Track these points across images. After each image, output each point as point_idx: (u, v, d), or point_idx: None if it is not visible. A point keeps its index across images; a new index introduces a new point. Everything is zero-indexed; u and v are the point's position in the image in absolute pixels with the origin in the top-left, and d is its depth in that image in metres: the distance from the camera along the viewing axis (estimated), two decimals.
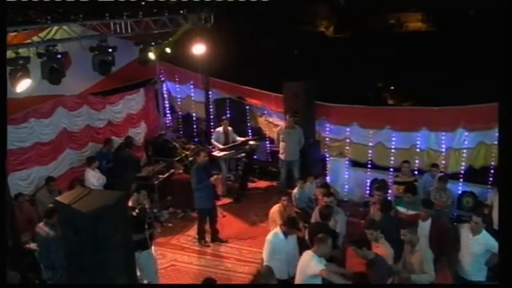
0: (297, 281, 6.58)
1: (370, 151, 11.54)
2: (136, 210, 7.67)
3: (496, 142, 10.32)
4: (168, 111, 14.54)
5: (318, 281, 6.40)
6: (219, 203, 11.51)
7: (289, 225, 7.36)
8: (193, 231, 10.32)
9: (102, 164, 10.77)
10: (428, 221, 7.56)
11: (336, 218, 8.03)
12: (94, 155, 11.03)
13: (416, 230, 7.06)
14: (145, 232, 7.60)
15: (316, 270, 6.26)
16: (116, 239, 5.74)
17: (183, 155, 12.34)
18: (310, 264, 6.35)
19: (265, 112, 13.02)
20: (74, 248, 5.70)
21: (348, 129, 11.71)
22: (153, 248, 7.99)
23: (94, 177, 10.30)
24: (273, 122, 12.81)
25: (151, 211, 8.27)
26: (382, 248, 6.77)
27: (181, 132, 14.26)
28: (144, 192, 8.03)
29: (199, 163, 9.88)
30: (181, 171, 11.36)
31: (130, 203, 7.56)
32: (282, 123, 11.93)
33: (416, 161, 11.03)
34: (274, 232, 7.41)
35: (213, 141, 12.21)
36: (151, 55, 10.82)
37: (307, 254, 6.50)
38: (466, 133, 10.52)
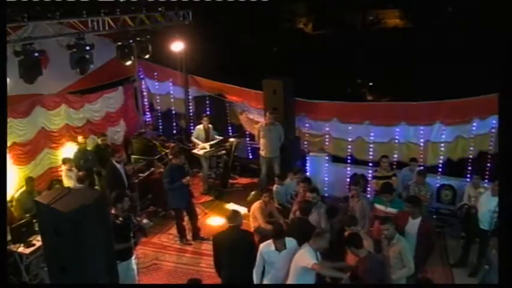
0: (290, 272, 6.50)
1: (349, 146, 11.66)
2: (120, 219, 7.25)
3: (472, 136, 10.58)
4: (147, 109, 14.47)
5: (310, 275, 6.39)
6: (200, 200, 11.52)
7: (276, 236, 6.81)
8: (174, 230, 10.29)
9: (79, 163, 10.66)
10: (418, 220, 7.30)
11: (320, 213, 8.03)
12: (70, 155, 10.91)
13: (393, 225, 6.93)
14: (130, 241, 7.24)
15: (308, 264, 6.24)
16: (96, 238, 5.71)
17: (163, 153, 12.30)
18: (303, 256, 6.35)
19: (246, 109, 13.04)
20: (54, 248, 5.66)
21: (327, 124, 11.81)
22: (133, 257, 7.55)
23: (70, 178, 10.18)
24: (254, 118, 12.83)
25: (135, 219, 7.84)
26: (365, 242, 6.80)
27: (161, 130, 14.19)
28: (127, 200, 7.50)
29: (173, 163, 9.85)
30: (161, 169, 11.30)
31: (113, 211, 7.22)
32: (262, 120, 11.94)
33: (395, 155, 11.17)
34: (267, 243, 6.93)
35: (193, 138, 12.16)
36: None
37: (304, 247, 6.46)
38: (444, 127, 10.72)
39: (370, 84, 29.05)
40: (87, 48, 9.48)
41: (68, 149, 11.28)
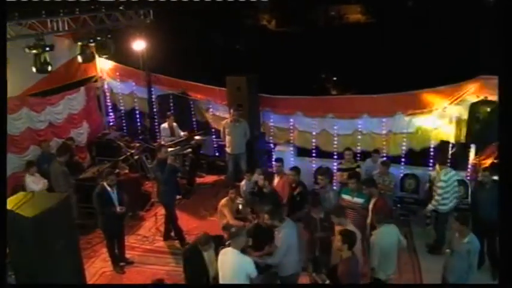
0: (229, 274, 6.42)
1: (314, 138, 11.85)
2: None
3: (434, 126, 10.84)
4: (110, 110, 14.29)
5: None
6: None
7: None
8: (143, 231, 10.27)
9: (43, 167, 10.42)
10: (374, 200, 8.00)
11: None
12: (32, 160, 10.65)
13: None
14: None
15: (252, 274, 6.33)
16: (62, 241, 5.66)
17: (128, 154, 12.19)
18: (242, 263, 6.33)
19: (211, 106, 13.03)
20: (20, 255, 5.57)
21: (291, 119, 11.97)
22: None
23: (33, 182, 9.94)
24: (220, 115, 12.83)
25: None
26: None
27: (125, 131, 14.04)
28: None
29: (159, 158, 9.73)
30: (126, 170, 11.18)
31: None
32: (228, 117, 11.97)
33: (359, 148, 11.38)
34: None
35: (163, 138, 12.12)
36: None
37: (232, 253, 6.39)
38: (406, 118, 10.99)
39: (334, 78, 29.32)
40: (47, 48, 9.34)
41: (33, 153, 11.08)
